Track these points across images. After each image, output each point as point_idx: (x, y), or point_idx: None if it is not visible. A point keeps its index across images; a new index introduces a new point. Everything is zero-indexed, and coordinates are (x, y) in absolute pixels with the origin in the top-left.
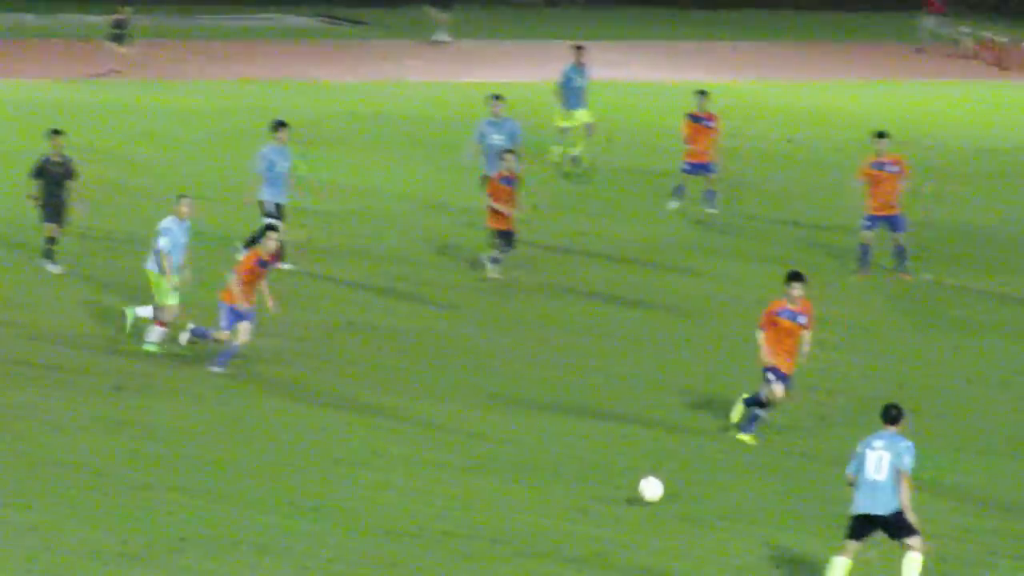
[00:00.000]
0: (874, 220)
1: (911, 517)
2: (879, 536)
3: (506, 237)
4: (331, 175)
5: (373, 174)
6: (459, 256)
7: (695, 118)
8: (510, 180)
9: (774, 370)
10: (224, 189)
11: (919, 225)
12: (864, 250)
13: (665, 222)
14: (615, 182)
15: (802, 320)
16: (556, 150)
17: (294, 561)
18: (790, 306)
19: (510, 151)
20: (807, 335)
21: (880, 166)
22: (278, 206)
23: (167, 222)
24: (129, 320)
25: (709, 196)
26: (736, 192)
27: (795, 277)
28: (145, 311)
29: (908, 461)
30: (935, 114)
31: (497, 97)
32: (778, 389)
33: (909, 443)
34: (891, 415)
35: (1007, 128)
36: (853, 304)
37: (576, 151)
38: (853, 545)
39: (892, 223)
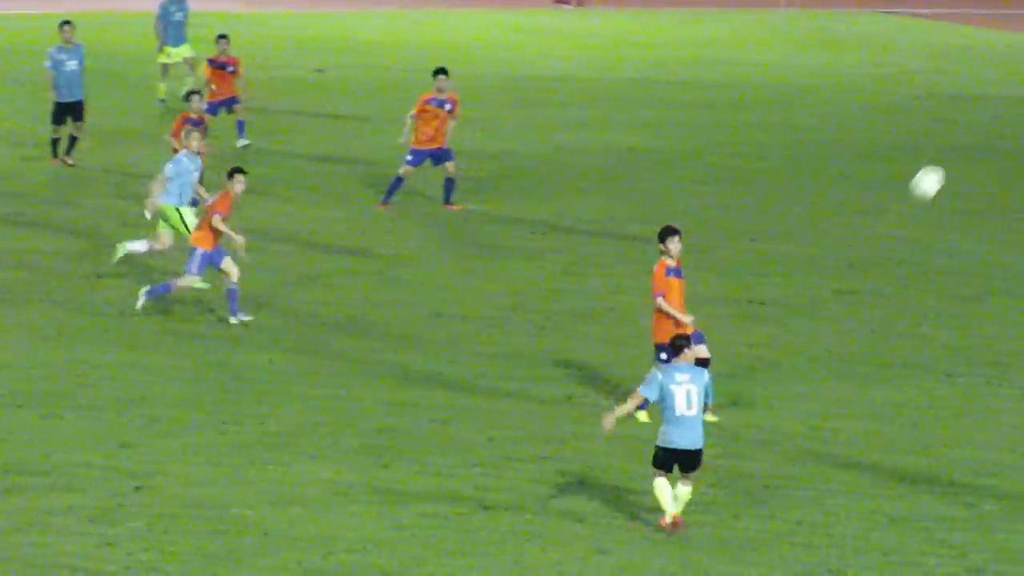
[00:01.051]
0: (420, 155)
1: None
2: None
3: None
4: None
5: None
6: (23, 182)
7: (216, 63)
8: (196, 122)
9: (696, 335)
10: None
11: (463, 154)
12: (397, 182)
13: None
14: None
15: (683, 274)
16: (161, 87)
17: None
18: (670, 263)
19: (195, 92)
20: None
21: (438, 103)
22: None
23: (179, 156)
24: (119, 254)
25: (240, 129)
26: (268, 124)
27: (673, 231)
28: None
29: (711, 394)
30: (474, 42)
31: (67, 23)
32: (702, 349)
33: (704, 371)
34: (679, 345)
35: (551, 56)
36: (390, 234)
37: (186, 88)
38: (665, 473)
39: (437, 156)
